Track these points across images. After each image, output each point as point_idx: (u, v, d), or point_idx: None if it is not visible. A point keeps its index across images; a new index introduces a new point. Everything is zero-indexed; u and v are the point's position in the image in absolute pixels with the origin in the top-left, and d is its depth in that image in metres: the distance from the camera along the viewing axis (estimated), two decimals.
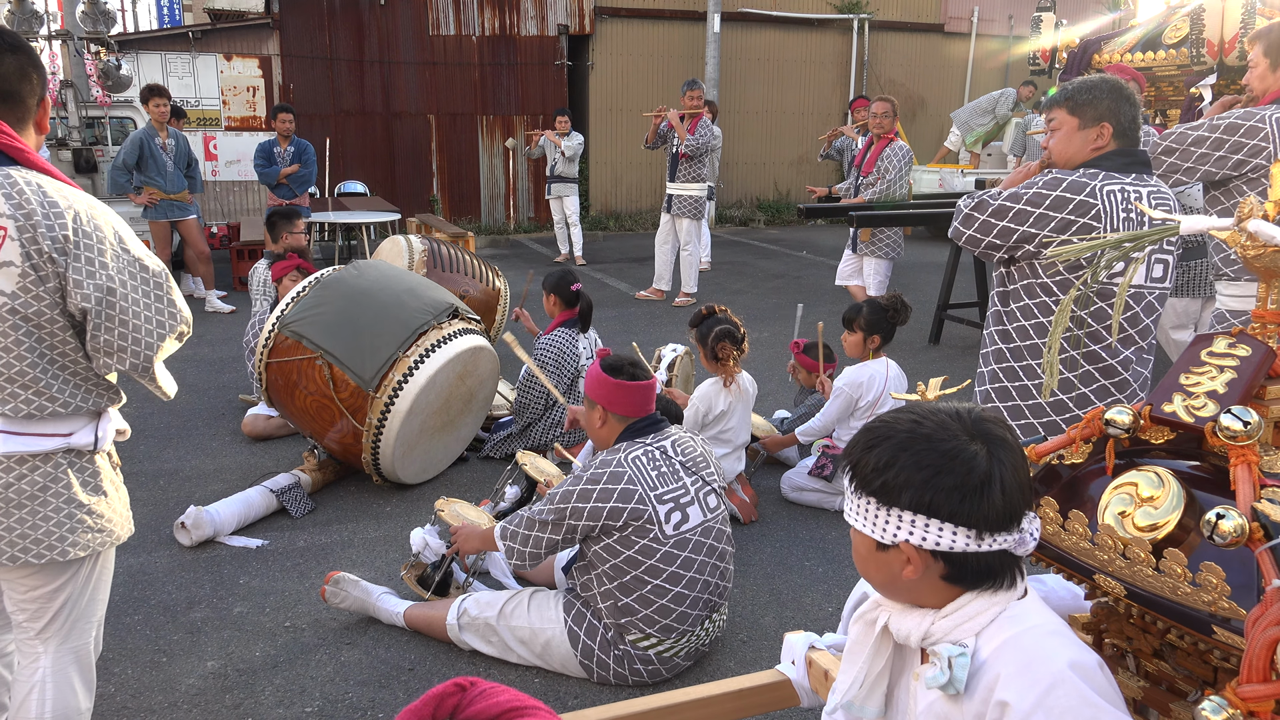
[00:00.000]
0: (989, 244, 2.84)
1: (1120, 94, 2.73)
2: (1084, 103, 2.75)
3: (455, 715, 0.95)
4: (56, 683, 2.21)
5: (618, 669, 2.98)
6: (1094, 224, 2.65)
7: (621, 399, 3.04)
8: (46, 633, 2.20)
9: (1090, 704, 1.18)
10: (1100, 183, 2.68)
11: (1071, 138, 2.80)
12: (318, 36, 12.85)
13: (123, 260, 2.06)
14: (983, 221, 2.82)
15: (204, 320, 8.24)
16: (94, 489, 2.16)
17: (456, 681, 0.98)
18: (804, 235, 13.95)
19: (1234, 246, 1.40)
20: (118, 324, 2.03)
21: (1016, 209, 2.75)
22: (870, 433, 1.34)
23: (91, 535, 2.14)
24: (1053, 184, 2.72)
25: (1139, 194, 2.69)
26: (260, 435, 5.24)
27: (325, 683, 3.04)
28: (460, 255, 6.27)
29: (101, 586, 2.30)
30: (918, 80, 16.22)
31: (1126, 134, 2.75)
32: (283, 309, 4.39)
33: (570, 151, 10.84)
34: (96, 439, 2.14)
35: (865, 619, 1.46)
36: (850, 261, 7.26)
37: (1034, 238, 2.73)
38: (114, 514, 2.21)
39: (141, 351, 2.09)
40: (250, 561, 3.84)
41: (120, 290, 2.03)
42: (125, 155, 7.86)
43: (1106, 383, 2.79)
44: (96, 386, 2.13)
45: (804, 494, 4.45)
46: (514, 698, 0.96)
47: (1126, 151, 2.75)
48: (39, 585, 2.16)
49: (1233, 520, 1.18)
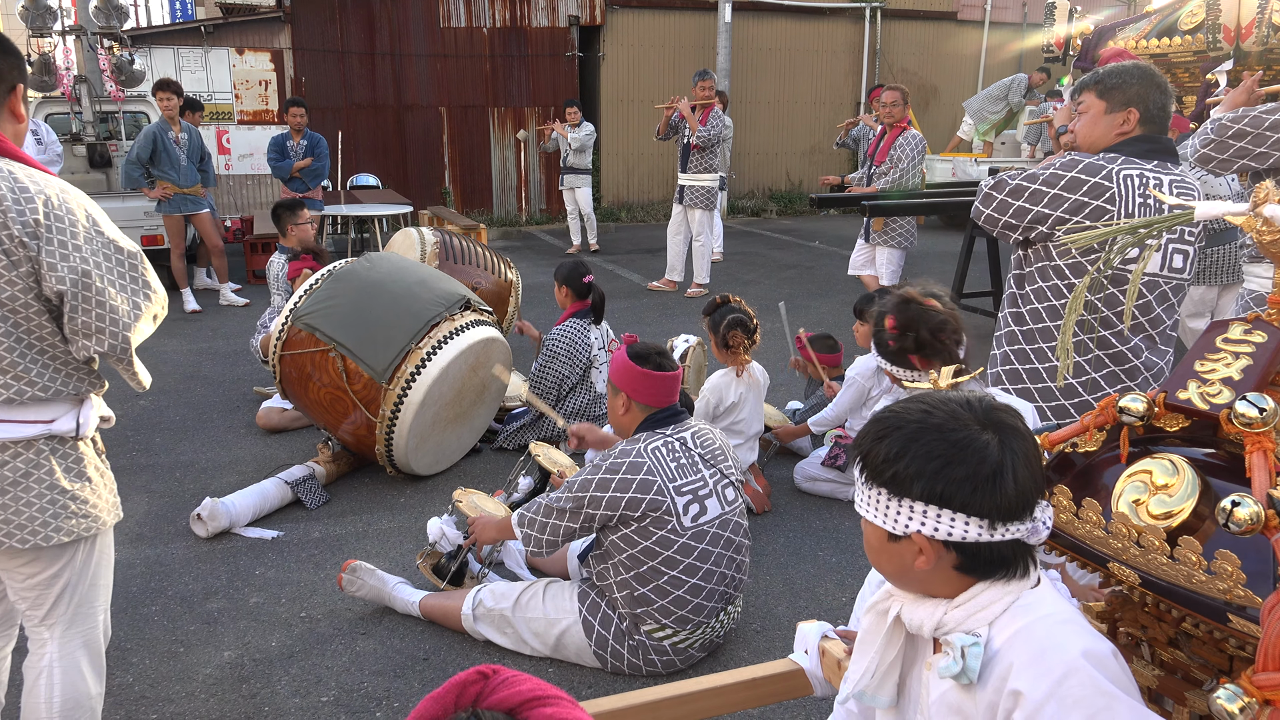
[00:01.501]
0: (1005, 223, 2.83)
1: (1151, 81, 2.71)
2: (1113, 86, 2.73)
3: (478, 703, 0.95)
4: (64, 668, 2.24)
5: (632, 659, 2.98)
6: (1108, 207, 2.62)
7: (647, 388, 3.04)
8: (50, 619, 2.23)
9: (1104, 693, 1.17)
10: (1118, 166, 2.66)
11: (1097, 121, 2.78)
12: (329, 29, 12.86)
13: (96, 243, 2.08)
14: (1000, 201, 2.81)
15: (219, 313, 8.29)
16: (77, 475, 2.17)
17: (479, 669, 0.98)
18: (816, 225, 13.90)
19: (1250, 231, 1.39)
20: (94, 305, 2.05)
21: (1032, 189, 2.74)
22: (880, 423, 1.33)
23: (76, 521, 2.16)
24: (1069, 165, 2.70)
25: (1159, 181, 2.65)
26: (275, 428, 5.26)
27: (341, 672, 3.06)
28: (472, 247, 6.27)
29: (102, 572, 2.32)
30: (930, 69, 16.11)
31: (1154, 120, 2.73)
32: (295, 301, 4.41)
33: (578, 143, 10.83)
34: (78, 425, 2.16)
35: (877, 609, 1.45)
36: (863, 251, 7.23)
37: (1047, 218, 2.72)
38: (99, 500, 2.22)
39: (120, 333, 2.10)
40: (266, 552, 3.87)
41: (95, 272, 2.05)
42: (138, 150, 7.88)
43: (1117, 369, 2.77)
44: (76, 371, 2.15)
45: (817, 484, 4.45)
46: (536, 686, 0.96)
47: (1151, 138, 2.73)
48: (35, 572, 2.19)
49: (1248, 508, 1.17)
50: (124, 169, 8.01)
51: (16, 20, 10.30)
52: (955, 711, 1.30)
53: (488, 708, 0.94)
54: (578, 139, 10.84)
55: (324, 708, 2.89)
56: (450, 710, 0.95)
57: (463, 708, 0.95)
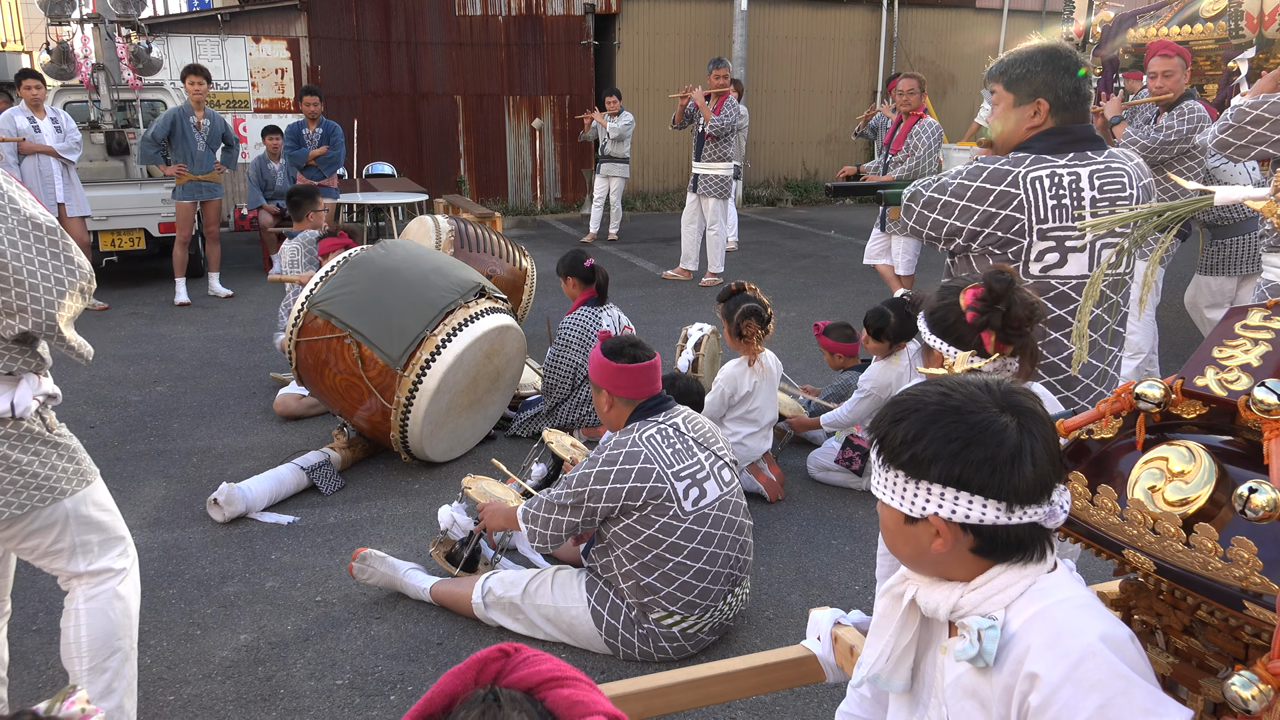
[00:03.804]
0: (927, 236, 2.63)
1: (1057, 64, 2.47)
2: (1018, 77, 2.49)
3: (498, 680, 0.96)
4: (89, 610, 2.39)
5: (643, 647, 2.99)
6: (1017, 215, 2.43)
7: (625, 382, 3.03)
8: (73, 569, 2.38)
9: (1121, 676, 1.17)
10: (1025, 169, 2.44)
11: (1007, 116, 2.54)
12: (345, 18, 12.88)
13: (11, 221, 2.06)
14: (917, 213, 2.62)
15: (235, 301, 8.32)
16: (23, 450, 2.20)
17: (501, 647, 0.99)
18: (832, 215, 13.85)
19: (1271, 217, 1.37)
20: (13, 284, 2.05)
21: (943, 200, 2.53)
22: (898, 405, 1.32)
23: (29, 494, 2.22)
24: (974, 174, 2.49)
25: (1076, 174, 2.43)
26: (291, 414, 5.29)
27: (355, 656, 3.08)
28: (487, 235, 6.28)
29: (93, 527, 2.39)
30: (948, 58, 16.00)
31: (1067, 109, 2.49)
32: (312, 288, 4.43)
33: (617, 132, 10.83)
34: (12, 406, 2.17)
35: (893, 592, 1.45)
36: (879, 240, 7.20)
37: (961, 231, 2.52)
38: (52, 470, 2.27)
39: (43, 310, 2.09)
40: (282, 537, 3.90)
41: (11, 250, 2.04)
42: (156, 129, 7.83)
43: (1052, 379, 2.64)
44: (7, 352, 2.15)
45: (830, 474, 4.44)
46: (556, 667, 0.97)
47: (1063, 130, 2.48)
48: (35, 545, 2.32)
49: (1266, 494, 1.16)
50: (140, 147, 8.00)
51: (35, 9, 10.35)
52: (970, 695, 1.30)
53: (507, 685, 0.95)
54: (617, 128, 10.83)
55: (339, 690, 2.91)
56: (470, 686, 0.96)
57: (483, 684, 0.95)
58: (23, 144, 7.61)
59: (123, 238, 8.49)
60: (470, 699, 0.93)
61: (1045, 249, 2.45)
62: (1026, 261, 2.47)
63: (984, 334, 2.07)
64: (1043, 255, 2.47)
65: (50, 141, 7.76)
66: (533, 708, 0.92)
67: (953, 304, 2.11)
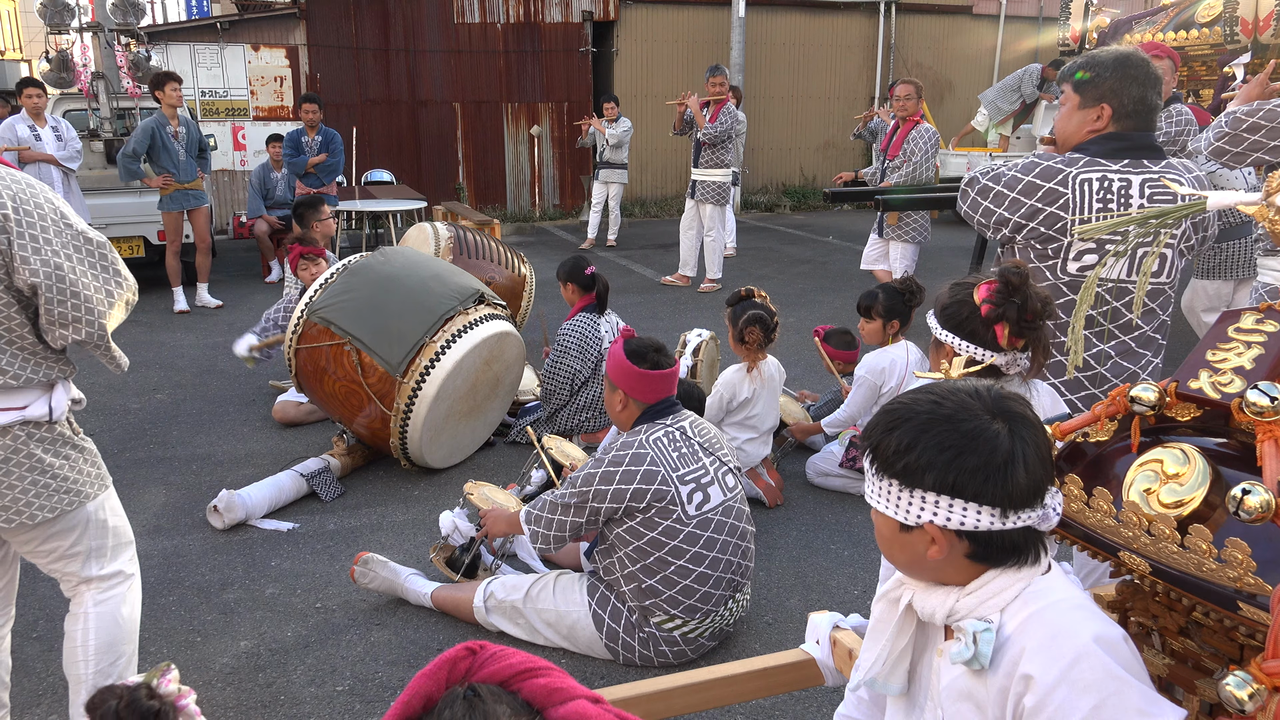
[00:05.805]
0: (979, 223, 2.75)
1: (1127, 73, 2.53)
2: (1086, 81, 2.59)
3: (469, 677, 0.97)
4: (98, 614, 2.41)
5: (643, 651, 3.00)
6: (1061, 213, 2.51)
7: (645, 386, 3.05)
8: (85, 574, 2.40)
9: (1115, 677, 1.18)
10: (1077, 170, 2.52)
11: (1071, 117, 2.64)
12: (344, 26, 12.91)
13: (66, 235, 2.14)
14: (972, 199, 2.73)
15: (234, 308, 8.33)
16: (55, 455, 2.25)
17: (466, 645, 1.00)
18: (830, 220, 13.87)
19: (1262, 221, 1.38)
20: (69, 296, 2.11)
21: (996, 190, 2.64)
22: (890, 414, 1.33)
23: (59, 498, 2.26)
24: (1028, 168, 2.59)
25: (1127, 181, 2.50)
26: (291, 421, 5.30)
27: (356, 662, 3.09)
28: (486, 242, 6.30)
29: (108, 531, 2.43)
30: (945, 64, 16.04)
31: (1130, 117, 2.56)
32: (311, 295, 4.44)
33: (615, 139, 10.85)
34: (51, 410, 2.23)
35: (889, 597, 1.46)
36: (876, 246, 7.22)
37: (1008, 222, 2.63)
38: (79, 474, 2.31)
39: (95, 320, 2.17)
40: (281, 544, 3.90)
41: (67, 264, 2.11)
42: (135, 143, 7.61)
43: (1080, 375, 2.67)
44: (46, 359, 2.21)
45: (829, 479, 4.45)
46: (525, 659, 0.98)
47: (1121, 135, 2.56)
48: (54, 548, 2.33)
49: (1259, 496, 1.17)
50: (120, 162, 7.71)
51: (35, 17, 10.37)
52: (966, 697, 1.31)
53: (480, 681, 0.96)
54: (615, 135, 10.85)
55: (339, 697, 2.91)
56: (443, 686, 0.97)
57: (454, 683, 0.96)
58: (24, 152, 7.61)
59: (122, 246, 8.49)
60: (449, 697, 0.93)
61: (1085, 249, 2.53)
62: (1065, 259, 2.55)
63: (998, 326, 2.09)
64: (1081, 255, 2.55)
65: (51, 150, 7.77)
66: (511, 700, 0.93)
67: (965, 299, 2.15)
